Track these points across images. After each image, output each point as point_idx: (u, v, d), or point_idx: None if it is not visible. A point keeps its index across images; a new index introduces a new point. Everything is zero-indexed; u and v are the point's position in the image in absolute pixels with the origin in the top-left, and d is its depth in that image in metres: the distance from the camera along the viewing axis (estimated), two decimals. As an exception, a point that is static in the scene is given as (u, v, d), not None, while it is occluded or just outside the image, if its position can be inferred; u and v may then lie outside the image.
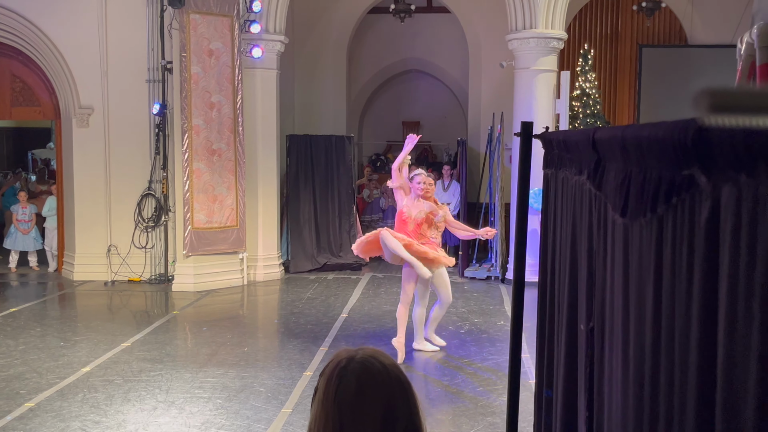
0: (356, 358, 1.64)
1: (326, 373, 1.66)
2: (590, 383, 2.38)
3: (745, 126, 0.87)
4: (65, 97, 12.49)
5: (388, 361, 1.67)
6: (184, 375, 7.52)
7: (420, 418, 1.66)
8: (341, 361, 1.65)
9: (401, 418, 1.62)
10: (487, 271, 12.89)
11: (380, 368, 1.64)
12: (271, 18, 12.40)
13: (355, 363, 1.63)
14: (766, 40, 4.01)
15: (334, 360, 1.67)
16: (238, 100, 11.93)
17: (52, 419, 6.31)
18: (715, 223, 1.23)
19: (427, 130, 19.54)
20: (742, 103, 0.81)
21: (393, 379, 1.64)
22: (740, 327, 1.14)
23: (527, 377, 6.98)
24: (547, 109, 12.00)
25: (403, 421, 1.62)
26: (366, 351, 1.68)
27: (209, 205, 11.73)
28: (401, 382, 1.65)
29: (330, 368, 1.66)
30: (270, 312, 11.09)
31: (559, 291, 3.10)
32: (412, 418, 1.64)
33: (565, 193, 2.97)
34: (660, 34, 16.06)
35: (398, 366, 1.68)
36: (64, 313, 10.67)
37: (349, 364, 1.63)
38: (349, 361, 1.64)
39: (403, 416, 1.62)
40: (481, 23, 15.73)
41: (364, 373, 1.62)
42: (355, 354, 1.66)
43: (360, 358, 1.65)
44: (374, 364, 1.64)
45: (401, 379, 1.65)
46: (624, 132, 1.75)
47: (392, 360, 1.69)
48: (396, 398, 1.62)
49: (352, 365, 1.63)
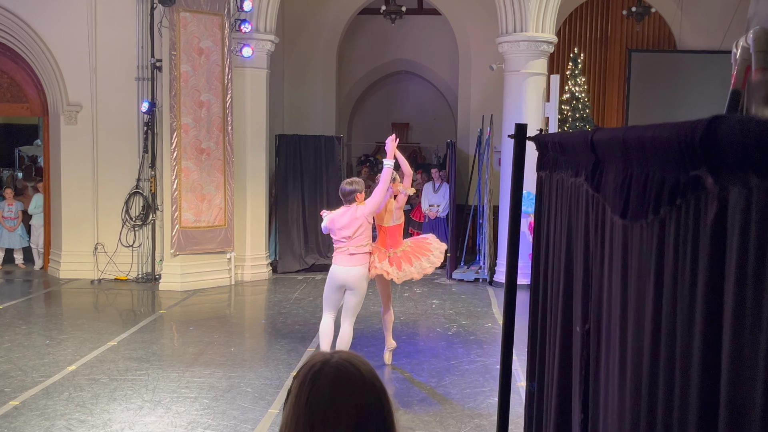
0: (331, 362, 1.62)
1: (300, 376, 1.63)
2: (585, 385, 2.37)
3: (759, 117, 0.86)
4: (53, 94, 12.41)
5: (364, 367, 1.64)
6: (170, 374, 7.48)
7: (393, 426, 1.64)
8: (315, 364, 1.63)
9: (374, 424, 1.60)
10: (475, 274, 12.90)
11: (355, 373, 1.61)
12: (261, 17, 12.37)
13: (330, 367, 1.61)
14: (761, 44, 4.03)
15: (309, 363, 1.65)
16: (228, 99, 11.89)
17: (37, 418, 6.25)
18: (721, 225, 1.22)
19: (416, 131, 19.58)
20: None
21: (368, 384, 1.61)
22: (747, 332, 1.13)
23: (516, 380, 6.98)
24: (537, 112, 12.02)
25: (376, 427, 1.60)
26: (342, 355, 1.66)
27: (197, 204, 11.68)
28: (376, 388, 1.62)
29: (304, 371, 1.63)
30: (257, 312, 11.05)
31: (552, 292, 3.10)
32: (385, 425, 1.62)
33: (560, 196, 2.96)
34: (649, 39, 16.14)
35: (374, 372, 1.66)
36: (50, 311, 10.59)
37: (324, 367, 1.61)
38: (324, 365, 1.62)
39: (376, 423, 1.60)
40: (472, 26, 15.76)
41: (339, 378, 1.59)
42: (330, 358, 1.64)
43: (335, 362, 1.62)
44: (349, 369, 1.61)
45: (376, 385, 1.63)
46: (625, 133, 1.75)
47: (368, 366, 1.66)
48: (370, 404, 1.60)
49: (326, 369, 1.61)
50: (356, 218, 7.12)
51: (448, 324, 9.82)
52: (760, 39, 4.14)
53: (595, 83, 16.11)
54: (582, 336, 2.40)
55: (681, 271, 1.42)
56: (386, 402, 1.63)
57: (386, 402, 1.63)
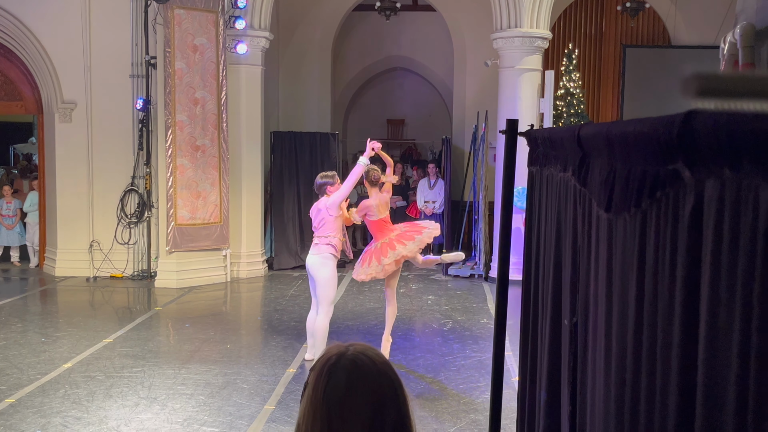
0: (347, 355, 1.63)
1: (316, 369, 1.65)
2: (573, 377, 2.40)
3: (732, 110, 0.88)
4: (48, 92, 12.40)
5: (379, 359, 1.66)
6: (166, 371, 7.49)
7: (410, 418, 1.65)
8: (331, 357, 1.64)
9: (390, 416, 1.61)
10: (470, 269, 12.92)
11: (371, 366, 1.62)
12: (256, 14, 12.37)
13: (346, 359, 1.62)
14: (748, 39, 4.05)
15: (325, 355, 1.66)
16: (223, 96, 11.89)
17: (33, 415, 6.27)
18: (698, 216, 1.24)
19: (411, 127, 19.57)
20: (729, 88, 0.82)
21: (383, 377, 1.63)
22: (722, 320, 1.15)
23: (510, 375, 7.01)
24: (532, 108, 12.05)
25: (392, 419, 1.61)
26: (357, 347, 1.67)
27: (192, 201, 11.69)
28: (391, 380, 1.64)
29: (320, 364, 1.65)
30: (253, 309, 11.07)
31: (543, 287, 3.12)
32: (401, 417, 1.63)
33: (549, 190, 2.98)
34: (644, 35, 16.16)
35: (389, 363, 1.67)
36: (46, 309, 10.59)
37: (340, 360, 1.62)
38: (340, 358, 1.63)
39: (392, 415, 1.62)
40: (467, 22, 15.76)
41: (355, 371, 1.61)
42: (345, 350, 1.65)
43: (351, 354, 1.63)
44: (365, 362, 1.63)
45: (391, 377, 1.64)
46: (609, 128, 1.77)
47: (383, 357, 1.68)
48: (386, 397, 1.61)
49: (342, 362, 1.62)
50: (320, 210, 7.43)
51: (444, 320, 9.85)
52: (747, 34, 4.16)
53: (590, 79, 16.13)
54: (570, 329, 2.42)
55: (661, 263, 1.44)
56: (401, 393, 1.65)
57: (401, 393, 1.65)
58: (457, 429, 6.19)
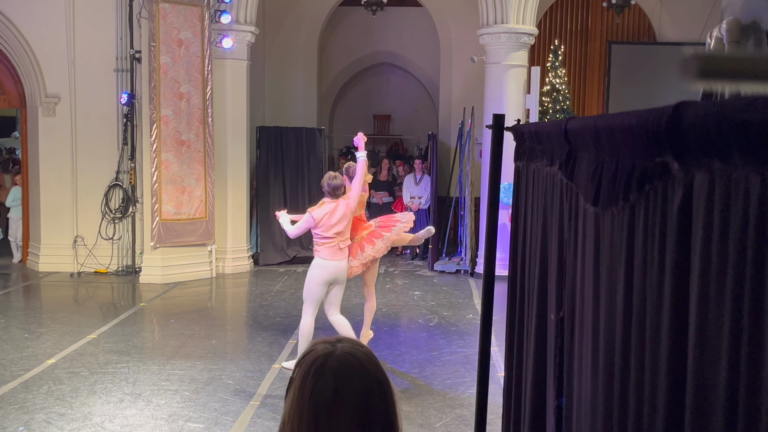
0: (335, 355, 1.60)
1: (303, 368, 1.61)
2: (560, 372, 2.39)
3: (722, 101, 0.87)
4: (31, 86, 12.29)
5: (367, 358, 1.63)
6: (151, 367, 7.45)
7: (397, 418, 1.64)
8: (319, 357, 1.60)
9: (378, 418, 1.60)
10: (456, 265, 12.93)
11: (359, 367, 1.60)
12: (241, 8, 12.31)
13: (333, 360, 1.59)
14: (734, 35, 4.06)
15: (312, 354, 1.62)
16: (208, 90, 11.83)
17: (16, 411, 6.21)
18: (687, 209, 1.24)
19: (398, 123, 19.56)
20: (730, 69, 0.81)
21: (371, 378, 1.60)
22: (712, 314, 1.15)
23: (496, 370, 7.02)
24: (517, 104, 12.05)
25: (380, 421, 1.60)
26: (345, 347, 1.63)
27: (177, 196, 11.62)
28: (380, 382, 1.62)
29: (307, 363, 1.61)
30: (239, 304, 11.03)
31: (529, 282, 3.12)
32: (389, 418, 1.62)
33: (536, 185, 2.98)
34: (629, 31, 16.21)
35: (377, 363, 1.64)
36: (29, 305, 10.51)
37: (327, 360, 1.59)
38: (327, 358, 1.60)
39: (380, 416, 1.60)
40: (453, 17, 15.75)
41: (343, 373, 1.58)
42: (333, 349, 1.61)
43: (339, 354, 1.60)
44: (353, 363, 1.60)
45: (380, 379, 1.62)
46: (596, 121, 1.76)
47: (372, 356, 1.65)
48: (374, 398, 1.59)
49: (330, 362, 1.59)
50: (346, 213, 6.98)
51: (430, 315, 9.85)
52: (733, 30, 4.17)
53: (576, 75, 16.17)
54: (556, 323, 2.42)
55: (650, 257, 1.43)
56: (390, 394, 1.63)
57: (390, 394, 1.63)
58: (443, 424, 6.19)
